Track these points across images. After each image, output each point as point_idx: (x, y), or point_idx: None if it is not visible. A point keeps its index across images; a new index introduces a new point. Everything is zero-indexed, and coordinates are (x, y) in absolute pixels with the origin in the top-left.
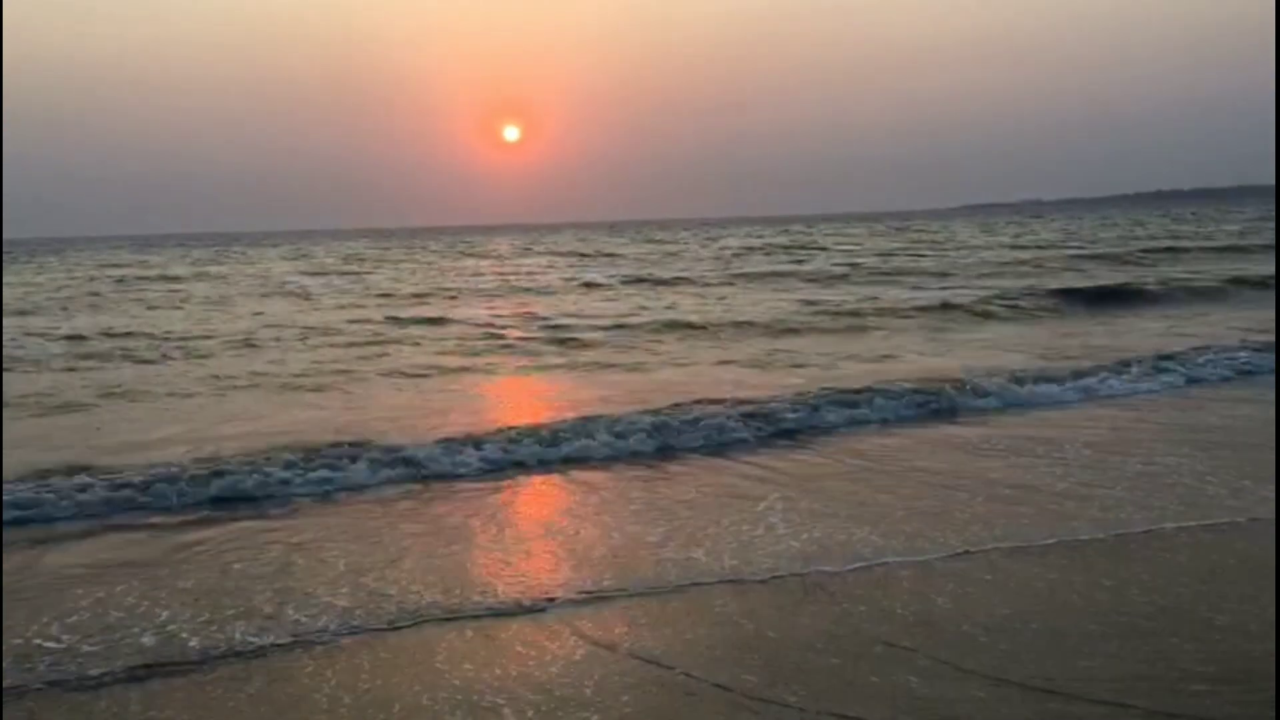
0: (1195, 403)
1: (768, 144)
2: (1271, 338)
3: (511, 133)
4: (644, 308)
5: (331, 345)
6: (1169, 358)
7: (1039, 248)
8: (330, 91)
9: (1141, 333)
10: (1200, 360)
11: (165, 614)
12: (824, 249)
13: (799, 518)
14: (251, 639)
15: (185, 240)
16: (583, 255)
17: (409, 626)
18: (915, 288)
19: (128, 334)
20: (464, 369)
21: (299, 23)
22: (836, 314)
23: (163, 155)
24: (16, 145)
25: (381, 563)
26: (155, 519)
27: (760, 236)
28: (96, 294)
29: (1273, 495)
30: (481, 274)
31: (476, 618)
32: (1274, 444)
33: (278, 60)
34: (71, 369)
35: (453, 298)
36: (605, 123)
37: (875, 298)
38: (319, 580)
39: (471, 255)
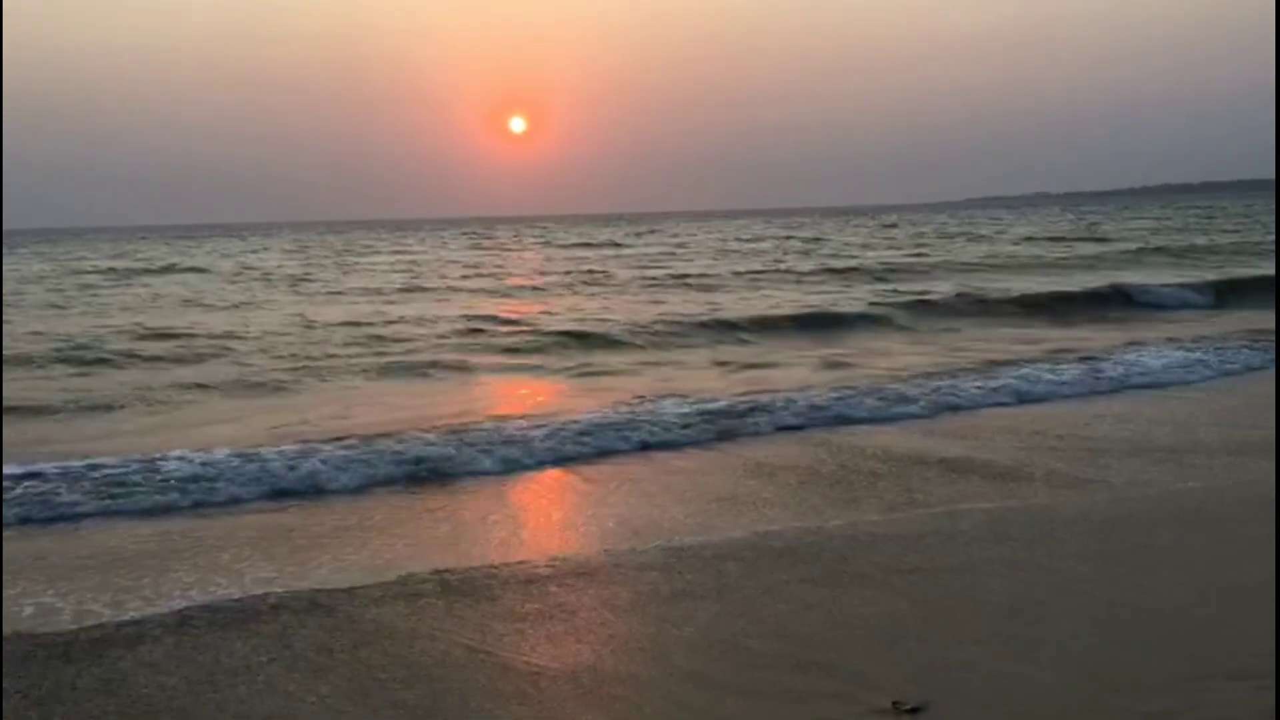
0: None
1: (774, 138)
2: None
3: (518, 124)
4: (640, 305)
5: (307, 343)
6: None
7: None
8: (335, 83)
9: None
10: None
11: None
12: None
13: (624, 512)
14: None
15: (191, 231)
16: (588, 246)
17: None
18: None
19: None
20: (431, 365)
21: (304, 16)
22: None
23: (168, 147)
24: (18, 136)
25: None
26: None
27: (767, 226)
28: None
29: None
30: (477, 268)
31: (297, 604)
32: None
33: (283, 53)
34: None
35: (442, 292)
36: (611, 116)
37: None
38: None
39: (473, 249)
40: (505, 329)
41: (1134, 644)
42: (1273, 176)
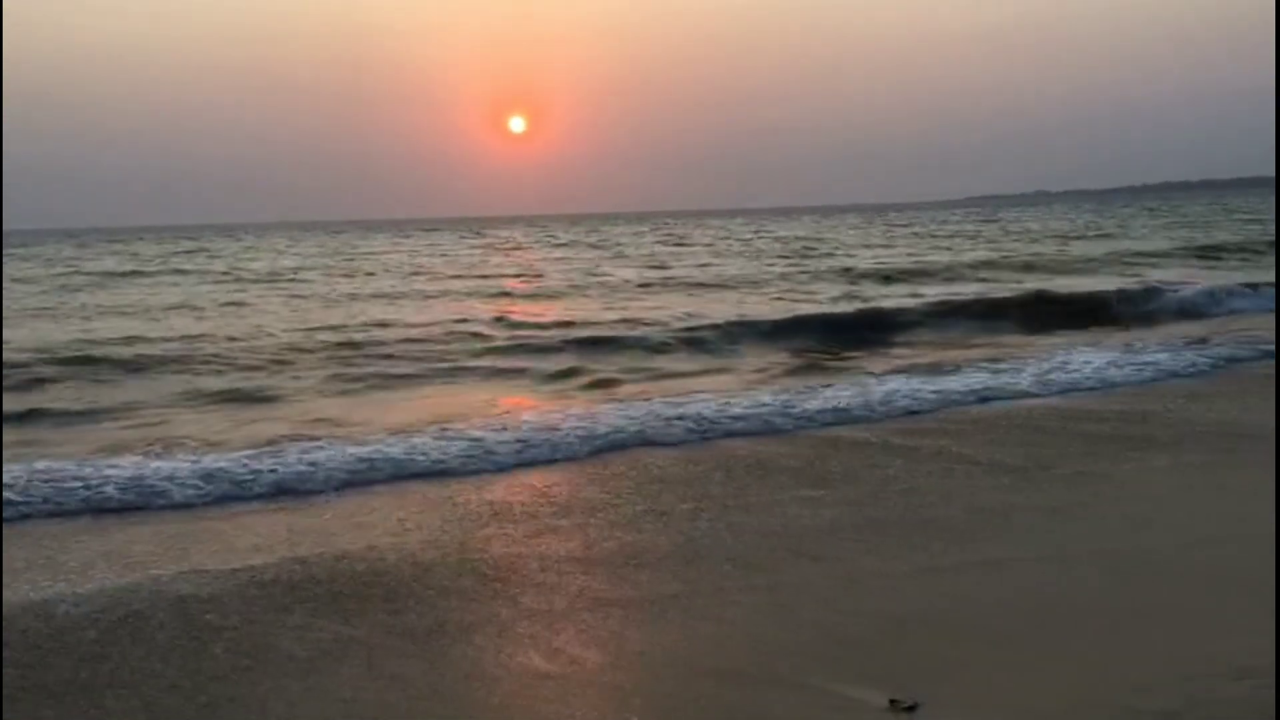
0: None
1: (773, 137)
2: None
3: (518, 124)
4: (628, 308)
5: (271, 349)
6: None
7: None
8: (333, 84)
9: None
10: None
11: None
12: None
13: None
14: None
15: (190, 231)
16: (587, 246)
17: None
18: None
19: None
20: (403, 372)
21: (304, 16)
22: None
23: (168, 148)
24: (20, 135)
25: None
26: None
27: (766, 224)
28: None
29: None
30: (470, 269)
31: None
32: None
33: (283, 52)
34: None
35: (431, 295)
36: (611, 115)
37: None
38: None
39: (468, 249)
40: (489, 332)
41: (1133, 643)
42: (1271, 174)
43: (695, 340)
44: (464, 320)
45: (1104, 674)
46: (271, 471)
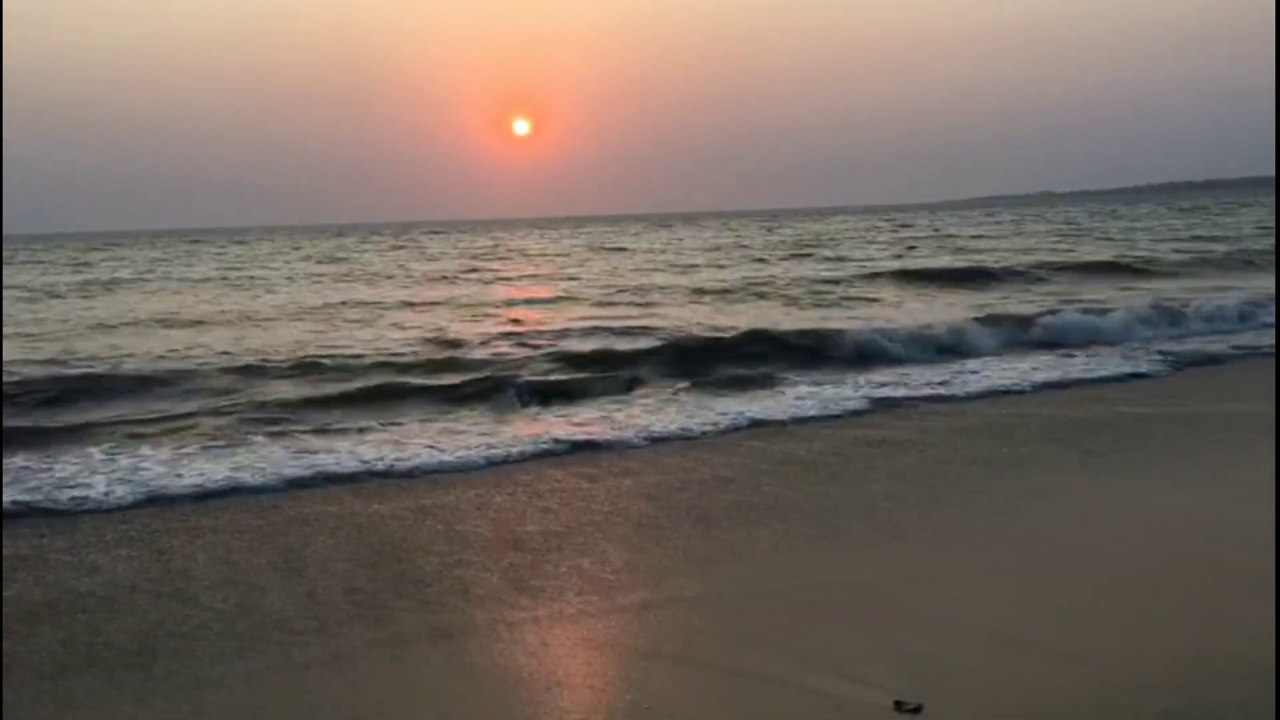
0: None
1: (779, 137)
2: None
3: (521, 127)
4: (606, 316)
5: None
6: None
7: None
8: (336, 86)
9: None
10: None
11: None
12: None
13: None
14: None
15: (190, 235)
16: (589, 249)
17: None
18: None
19: None
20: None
21: (305, 17)
22: None
23: (167, 150)
24: (18, 139)
25: None
26: None
27: (774, 226)
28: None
29: None
30: (459, 276)
31: None
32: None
33: (284, 54)
34: None
35: (420, 306)
36: (615, 117)
37: None
38: None
39: (463, 253)
40: (460, 340)
41: (1134, 643)
42: (1273, 174)
43: (665, 352)
44: (435, 331)
45: (1104, 674)
46: (204, 476)
